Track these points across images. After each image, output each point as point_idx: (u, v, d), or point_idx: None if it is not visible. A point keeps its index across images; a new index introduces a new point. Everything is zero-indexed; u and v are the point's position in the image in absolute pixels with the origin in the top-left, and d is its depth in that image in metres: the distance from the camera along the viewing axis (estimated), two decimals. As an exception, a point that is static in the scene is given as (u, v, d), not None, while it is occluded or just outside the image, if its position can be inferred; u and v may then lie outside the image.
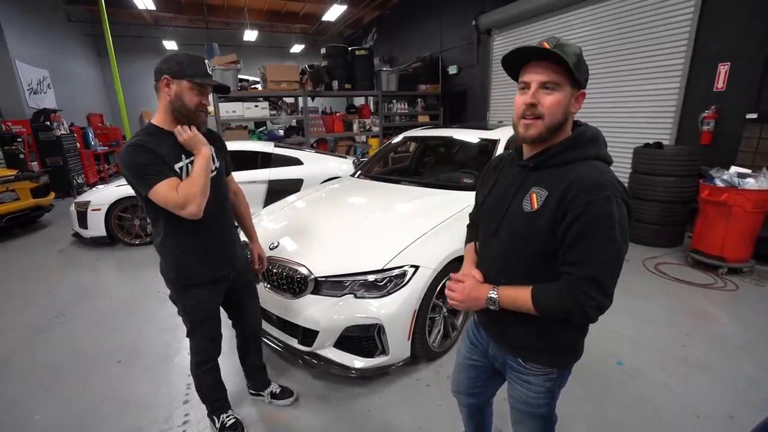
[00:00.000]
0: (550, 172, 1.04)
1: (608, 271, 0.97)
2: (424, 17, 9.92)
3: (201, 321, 1.72)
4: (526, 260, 1.08)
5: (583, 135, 1.05)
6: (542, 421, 1.25)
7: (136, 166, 1.41)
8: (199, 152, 1.52)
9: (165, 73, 1.46)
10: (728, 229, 3.56)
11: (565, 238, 0.98)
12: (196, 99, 1.50)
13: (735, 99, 4.35)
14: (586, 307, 0.97)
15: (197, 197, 1.44)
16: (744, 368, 2.38)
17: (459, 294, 1.13)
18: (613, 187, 0.96)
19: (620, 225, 0.95)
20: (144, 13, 11.71)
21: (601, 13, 5.67)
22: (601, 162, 1.03)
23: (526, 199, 1.05)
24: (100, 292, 3.71)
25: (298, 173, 5.30)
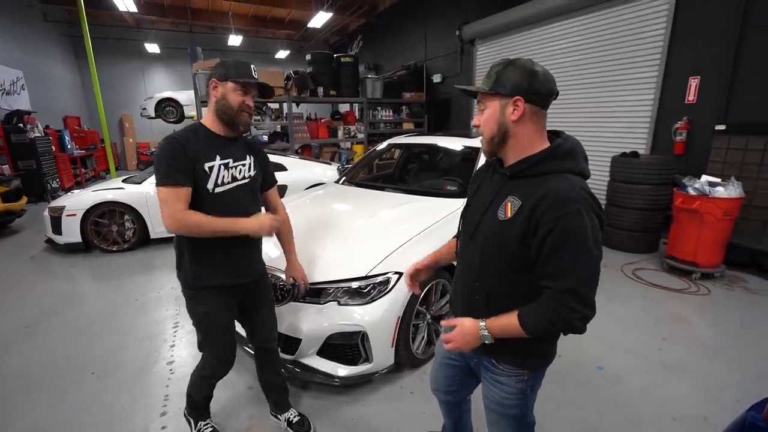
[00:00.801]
0: (526, 181, 1.07)
1: (585, 283, 0.99)
2: (409, 26, 10.05)
3: (211, 332, 1.67)
4: (499, 266, 1.11)
5: (561, 147, 1.07)
6: (516, 422, 1.26)
7: (160, 157, 1.46)
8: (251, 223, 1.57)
9: (213, 77, 1.55)
10: (700, 236, 3.70)
11: (541, 252, 1.00)
12: (240, 99, 1.55)
13: (705, 111, 4.54)
14: (570, 320, 0.99)
15: (182, 228, 1.47)
16: (717, 370, 2.46)
17: (454, 344, 1.15)
18: (584, 201, 0.98)
19: (593, 237, 0.98)
20: (125, 15, 11.50)
21: (579, 27, 5.86)
22: (575, 176, 1.04)
23: (501, 207, 1.09)
24: (75, 301, 3.58)
25: (282, 179, 5.19)
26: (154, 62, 14.11)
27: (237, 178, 1.61)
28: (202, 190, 1.51)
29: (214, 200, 1.53)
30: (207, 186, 1.51)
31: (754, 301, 3.38)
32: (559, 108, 6.35)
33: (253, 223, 1.56)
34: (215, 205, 1.53)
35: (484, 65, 7.86)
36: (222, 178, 1.55)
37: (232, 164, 1.59)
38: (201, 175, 1.50)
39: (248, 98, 1.57)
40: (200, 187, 1.50)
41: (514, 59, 1.07)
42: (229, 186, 1.58)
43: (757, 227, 3.85)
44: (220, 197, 1.55)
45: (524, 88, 1.03)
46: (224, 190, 1.56)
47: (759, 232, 3.85)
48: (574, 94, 6.07)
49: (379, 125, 9.24)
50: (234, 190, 1.59)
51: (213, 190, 1.53)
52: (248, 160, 1.66)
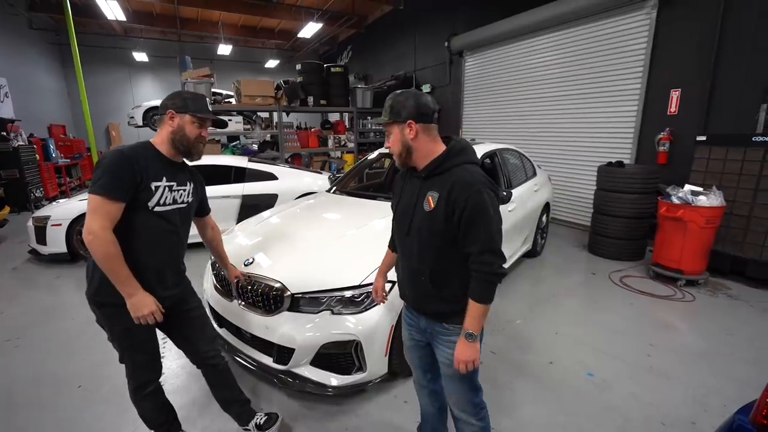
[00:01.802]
0: (437, 178, 1.38)
1: (495, 241, 1.31)
2: (398, 37, 10.20)
3: (131, 346, 1.63)
4: (435, 248, 1.39)
5: (454, 148, 1.40)
6: (469, 381, 1.50)
7: (105, 167, 1.45)
8: (137, 298, 1.50)
9: (170, 108, 1.61)
10: (685, 243, 3.79)
11: (460, 226, 1.31)
12: (197, 131, 1.65)
13: (686, 122, 4.70)
14: (494, 269, 1.30)
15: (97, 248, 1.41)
16: (703, 375, 2.51)
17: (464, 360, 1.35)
18: (481, 182, 1.31)
19: (492, 207, 1.31)
20: (113, 23, 11.45)
21: (565, 40, 6.03)
22: (471, 165, 1.37)
23: (425, 202, 1.39)
24: (60, 313, 3.49)
25: (273, 188, 5.25)
26: (142, 70, 14.03)
27: (177, 201, 1.65)
28: (141, 205, 1.52)
29: (149, 216, 1.55)
30: (148, 203, 1.53)
31: (736, 307, 3.47)
32: (547, 119, 6.50)
33: (137, 300, 1.49)
34: (149, 221, 1.56)
35: (473, 76, 8.01)
36: (165, 199, 1.58)
37: (175, 187, 1.64)
38: (145, 192, 1.52)
39: (204, 130, 1.67)
40: (140, 203, 1.51)
41: (400, 92, 1.41)
42: (169, 208, 1.61)
43: (738, 235, 3.97)
44: (157, 216, 1.57)
45: (414, 112, 1.36)
46: (163, 210, 1.59)
47: (739, 239, 3.97)
48: (561, 105, 6.22)
49: (369, 134, 9.31)
50: (172, 212, 1.63)
51: (153, 208, 1.55)
52: (188, 187, 1.71)
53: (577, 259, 4.78)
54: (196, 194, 1.79)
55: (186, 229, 1.76)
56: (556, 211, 6.33)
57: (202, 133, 1.67)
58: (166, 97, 1.66)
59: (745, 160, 3.88)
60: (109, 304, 1.56)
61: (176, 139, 1.61)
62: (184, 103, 1.61)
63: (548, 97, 6.42)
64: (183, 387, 2.43)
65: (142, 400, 1.73)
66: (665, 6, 4.79)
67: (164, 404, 1.84)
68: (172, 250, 1.70)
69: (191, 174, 1.77)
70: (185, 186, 1.69)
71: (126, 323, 1.56)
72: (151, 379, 1.73)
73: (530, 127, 6.78)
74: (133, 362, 1.67)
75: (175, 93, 1.66)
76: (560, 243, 5.42)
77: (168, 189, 1.60)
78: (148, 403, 1.76)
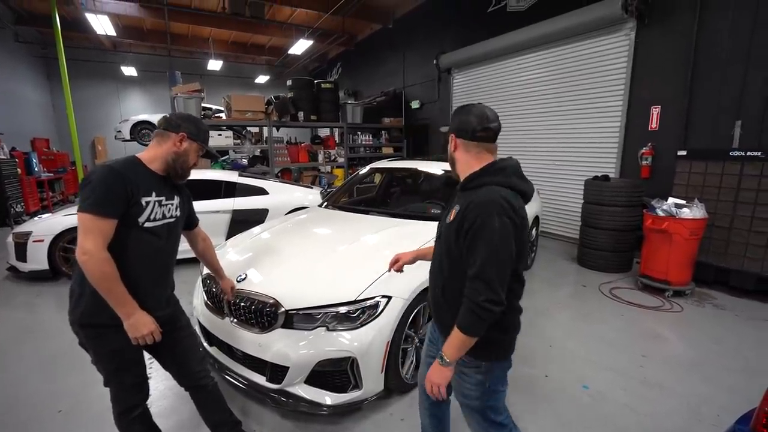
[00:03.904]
0: (467, 193, 1.35)
1: (489, 271, 1.20)
2: (387, 55, 10.39)
3: (118, 369, 1.57)
4: (449, 261, 1.36)
5: (492, 167, 1.34)
6: (481, 417, 1.41)
7: (94, 184, 1.41)
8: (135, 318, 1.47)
9: (184, 131, 1.62)
10: (671, 255, 3.88)
11: (464, 245, 1.27)
12: (196, 160, 1.71)
13: (667, 137, 4.86)
14: (478, 301, 1.19)
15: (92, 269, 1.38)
16: (694, 385, 2.53)
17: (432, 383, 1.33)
18: (497, 206, 1.22)
19: (500, 235, 1.20)
20: (102, 38, 11.41)
21: (551, 58, 6.22)
22: (502, 187, 1.28)
23: (449, 213, 1.38)
24: (41, 333, 3.36)
25: (264, 203, 5.22)
26: (130, 85, 13.94)
27: (166, 216, 1.63)
28: (132, 222, 1.49)
29: (139, 233, 1.52)
30: (139, 219, 1.51)
31: (722, 317, 3.53)
32: (534, 134, 6.65)
33: (136, 321, 1.46)
34: (140, 237, 1.53)
35: (461, 93, 8.18)
36: (155, 214, 1.56)
37: (164, 202, 1.62)
38: (136, 208, 1.49)
39: (198, 160, 1.75)
40: (131, 219, 1.49)
41: (463, 105, 1.40)
42: (158, 223, 1.59)
43: (720, 246, 4.08)
44: (147, 232, 1.55)
45: (455, 127, 1.39)
46: (153, 225, 1.57)
47: (722, 250, 4.08)
48: (548, 121, 6.38)
49: (359, 149, 9.37)
50: (162, 227, 1.61)
51: (143, 224, 1.52)
52: (176, 200, 1.70)
53: (567, 272, 4.83)
54: (183, 207, 1.77)
55: (175, 245, 1.74)
56: (545, 224, 6.42)
57: (197, 162, 1.73)
58: (178, 116, 1.66)
59: (724, 174, 4.02)
60: (96, 325, 1.50)
61: (177, 161, 1.62)
62: (198, 132, 1.66)
63: (535, 113, 6.58)
64: (170, 409, 2.35)
65: (128, 424, 1.65)
66: (643, 28, 5.00)
67: (151, 428, 1.77)
68: (163, 267, 1.67)
69: (177, 187, 1.75)
70: (173, 200, 1.67)
71: (113, 344, 1.51)
72: (138, 402, 1.66)
73: (518, 143, 6.92)
74: (120, 385, 1.60)
75: (190, 117, 1.68)
76: (550, 256, 5.48)
77: (157, 204, 1.57)
78: (135, 428, 1.68)
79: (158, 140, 1.63)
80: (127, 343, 1.50)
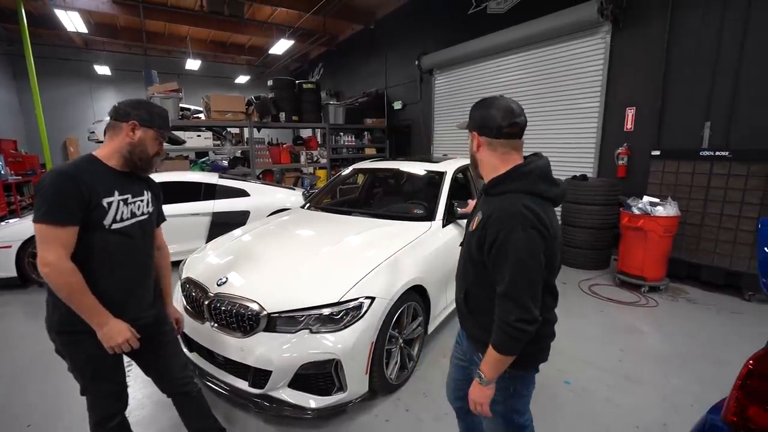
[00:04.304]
0: (491, 199, 1.26)
1: (517, 288, 1.11)
2: (369, 55, 10.39)
3: (95, 377, 1.50)
4: (471, 269, 1.31)
5: (516, 171, 1.23)
6: (504, 420, 1.35)
7: (45, 191, 1.32)
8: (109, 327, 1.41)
9: (134, 118, 1.48)
10: (646, 252, 4.00)
11: (490, 260, 1.18)
12: (158, 148, 1.56)
13: (642, 138, 5.01)
14: (509, 321, 1.12)
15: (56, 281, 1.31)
16: (670, 377, 2.62)
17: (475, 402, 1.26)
18: (522, 217, 1.12)
19: (528, 249, 1.11)
20: (73, 35, 11.01)
21: (529, 60, 6.34)
22: (527, 195, 1.18)
23: (474, 220, 1.30)
24: (8, 343, 3.21)
25: (245, 205, 5.13)
26: (104, 84, 13.51)
27: (136, 214, 1.54)
28: (98, 226, 1.41)
29: (109, 237, 1.44)
30: (104, 222, 1.42)
31: (695, 311, 3.67)
32: (513, 134, 6.74)
33: (109, 329, 1.40)
34: (109, 240, 1.44)
35: (443, 94, 8.24)
36: (121, 215, 1.47)
37: (131, 200, 1.52)
38: (98, 211, 1.40)
39: (162, 146, 1.60)
40: (95, 223, 1.40)
41: (482, 99, 1.28)
42: (128, 223, 1.50)
43: (692, 242, 4.23)
44: (117, 234, 1.46)
45: (477, 124, 1.26)
46: (122, 226, 1.48)
47: (693, 247, 4.23)
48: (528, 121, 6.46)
49: (342, 150, 9.33)
50: (132, 226, 1.52)
51: (110, 226, 1.44)
52: (146, 196, 1.61)
53: (547, 270, 4.91)
54: (155, 203, 1.69)
55: (151, 242, 1.67)
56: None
57: (160, 151, 1.58)
58: (126, 104, 1.51)
59: (695, 173, 4.18)
60: (71, 332, 1.44)
61: (134, 153, 1.49)
62: (151, 117, 1.50)
63: (515, 114, 6.67)
64: (150, 418, 2.28)
65: None
66: (618, 31, 5.14)
67: None
68: (142, 267, 1.60)
69: (146, 182, 1.65)
70: (142, 196, 1.58)
71: (89, 351, 1.45)
72: (116, 411, 1.60)
73: (499, 143, 7.00)
74: (97, 393, 1.54)
75: (140, 103, 1.52)
76: (531, 254, 5.57)
77: (123, 203, 1.48)
78: None
79: (110, 133, 1.50)
80: (101, 350, 1.44)
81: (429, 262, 2.70)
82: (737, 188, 3.90)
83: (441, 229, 3.02)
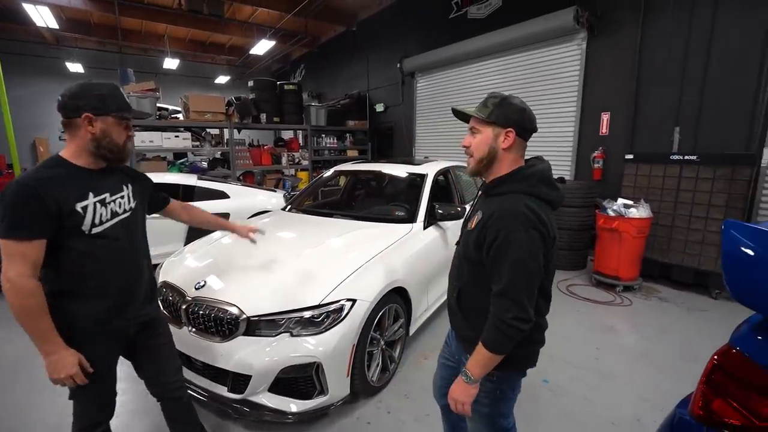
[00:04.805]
0: (492, 199, 1.26)
1: (516, 287, 1.13)
2: (351, 57, 10.39)
3: (88, 383, 1.43)
4: (466, 268, 1.31)
5: (520, 172, 1.25)
6: (489, 422, 1.37)
7: (5, 206, 1.24)
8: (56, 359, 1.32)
9: (85, 110, 1.33)
10: (620, 252, 4.12)
11: (488, 259, 1.19)
12: (124, 133, 1.43)
13: (616, 142, 5.18)
14: (505, 318, 1.13)
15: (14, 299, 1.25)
16: (644, 374, 2.71)
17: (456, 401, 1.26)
18: (524, 218, 1.13)
19: (528, 249, 1.13)
20: (43, 30, 10.61)
21: (508, 65, 6.47)
22: (528, 196, 1.20)
23: (471, 220, 1.31)
24: (-30, 352, 3.05)
25: (224, 207, 5.03)
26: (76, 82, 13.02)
27: (118, 213, 1.46)
28: (76, 233, 1.33)
29: (91, 242, 1.37)
30: (82, 228, 1.34)
31: (666, 309, 3.80)
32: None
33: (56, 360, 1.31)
34: (94, 247, 1.38)
35: (424, 96, 8.31)
36: (100, 217, 1.38)
37: (109, 199, 1.43)
38: (72, 218, 1.31)
39: (129, 129, 1.46)
40: (73, 230, 1.32)
41: (508, 96, 1.26)
42: (110, 224, 1.42)
43: (664, 243, 4.39)
44: (99, 238, 1.39)
45: (516, 122, 1.23)
46: (104, 229, 1.40)
47: (665, 247, 4.39)
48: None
49: (324, 152, 9.28)
50: (115, 227, 1.44)
51: (90, 231, 1.36)
52: (126, 191, 1.51)
53: (527, 271, 5.01)
54: (141, 194, 1.60)
55: (141, 236, 1.60)
56: (506, 225, 6.62)
57: (129, 134, 1.44)
58: (70, 95, 1.33)
59: (666, 176, 4.34)
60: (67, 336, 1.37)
61: (101, 146, 1.37)
62: (102, 103, 1.34)
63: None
64: (124, 427, 2.20)
65: None
66: (593, 38, 5.31)
67: None
68: (132, 266, 1.54)
69: (125, 173, 1.55)
70: (121, 192, 1.48)
71: (83, 352, 1.39)
72: (101, 420, 1.56)
73: (479, 146, 7.11)
74: (85, 399, 1.49)
75: (83, 89, 1.34)
76: (511, 255, 5.66)
77: (100, 204, 1.39)
78: None
79: (69, 132, 1.36)
80: (96, 354, 1.42)
81: (410, 263, 2.71)
82: (705, 191, 4.07)
83: (422, 231, 3.04)
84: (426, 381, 2.42)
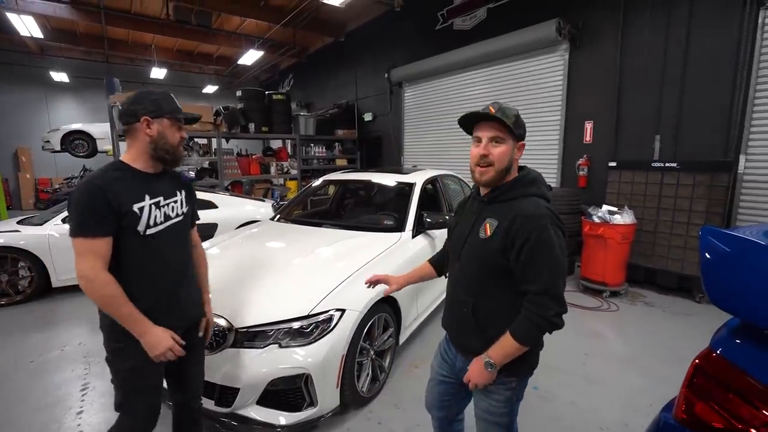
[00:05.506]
0: (499, 205, 1.29)
1: (556, 284, 1.20)
2: (339, 67, 10.46)
3: (136, 391, 1.47)
4: (483, 277, 1.30)
5: (525, 177, 1.32)
6: (506, 429, 1.40)
7: (75, 205, 1.32)
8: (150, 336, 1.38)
9: (143, 114, 1.41)
10: (606, 258, 4.19)
11: (519, 261, 1.20)
12: (179, 135, 1.50)
13: (600, 150, 5.29)
14: (548, 316, 1.18)
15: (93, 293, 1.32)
16: (631, 378, 2.74)
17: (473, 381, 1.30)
18: (549, 218, 1.21)
19: (559, 246, 1.20)
20: (27, 40, 10.46)
21: (494, 75, 6.59)
22: (539, 198, 1.27)
23: (481, 229, 1.29)
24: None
25: (212, 217, 4.98)
26: (61, 92, 12.83)
27: (170, 216, 1.51)
28: (132, 233, 1.39)
29: (146, 243, 1.42)
30: (138, 228, 1.39)
31: (652, 313, 3.87)
32: (481, 146, 6.94)
33: (152, 338, 1.38)
34: (148, 248, 1.43)
35: (412, 106, 8.39)
36: (154, 219, 1.44)
37: (163, 202, 1.48)
38: (130, 218, 1.37)
39: (183, 131, 1.53)
40: (130, 231, 1.38)
41: (513, 107, 1.30)
42: (163, 226, 1.47)
43: (647, 248, 4.48)
44: (154, 239, 1.44)
45: (523, 135, 1.32)
46: (157, 231, 1.45)
47: (649, 252, 4.48)
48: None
49: (313, 161, 9.28)
50: (168, 230, 1.49)
51: (144, 232, 1.41)
52: (179, 196, 1.57)
53: (515, 277, 5.05)
54: (191, 202, 1.65)
55: (188, 244, 1.64)
56: (495, 232, 6.68)
57: (182, 135, 1.52)
58: (130, 101, 1.45)
59: (648, 183, 4.45)
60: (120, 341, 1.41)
61: (159, 147, 1.44)
62: (157, 106, 1.43)
63: (482, 126, 6.88)
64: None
65: None
66: (575, 49, 5.45)
67: None
68: (180, 271, 1.56)
69: (178, 182, 1.60)
70: (175, 197, 1.54)
71: (131, 361, 1.41)
72: None
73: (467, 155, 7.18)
74: (132, 410, 1.48)
75: (139, 96, 1.45)
76: (500, 262, 5.71)
77: (155, 206, 1.45)
78: None
79: (129, 138, 1.45)
80: (147, 363, 1.42)
81: (399, 272, 2.70)
82: (685, 197, 4.18)
83: (411, 240, 3.05)
84: (416, 390, 2.41)
